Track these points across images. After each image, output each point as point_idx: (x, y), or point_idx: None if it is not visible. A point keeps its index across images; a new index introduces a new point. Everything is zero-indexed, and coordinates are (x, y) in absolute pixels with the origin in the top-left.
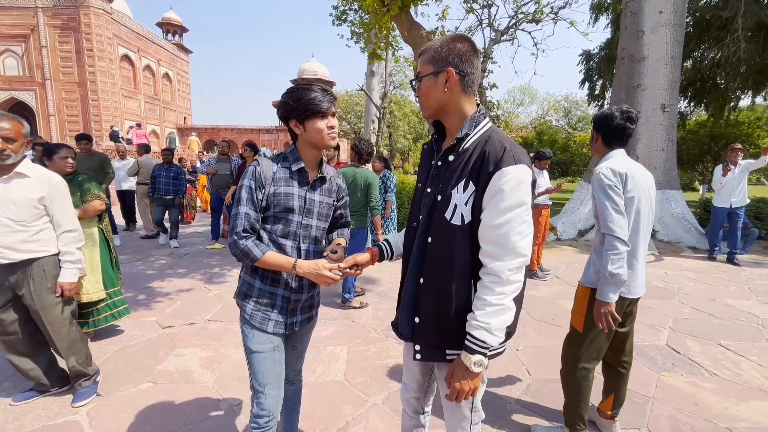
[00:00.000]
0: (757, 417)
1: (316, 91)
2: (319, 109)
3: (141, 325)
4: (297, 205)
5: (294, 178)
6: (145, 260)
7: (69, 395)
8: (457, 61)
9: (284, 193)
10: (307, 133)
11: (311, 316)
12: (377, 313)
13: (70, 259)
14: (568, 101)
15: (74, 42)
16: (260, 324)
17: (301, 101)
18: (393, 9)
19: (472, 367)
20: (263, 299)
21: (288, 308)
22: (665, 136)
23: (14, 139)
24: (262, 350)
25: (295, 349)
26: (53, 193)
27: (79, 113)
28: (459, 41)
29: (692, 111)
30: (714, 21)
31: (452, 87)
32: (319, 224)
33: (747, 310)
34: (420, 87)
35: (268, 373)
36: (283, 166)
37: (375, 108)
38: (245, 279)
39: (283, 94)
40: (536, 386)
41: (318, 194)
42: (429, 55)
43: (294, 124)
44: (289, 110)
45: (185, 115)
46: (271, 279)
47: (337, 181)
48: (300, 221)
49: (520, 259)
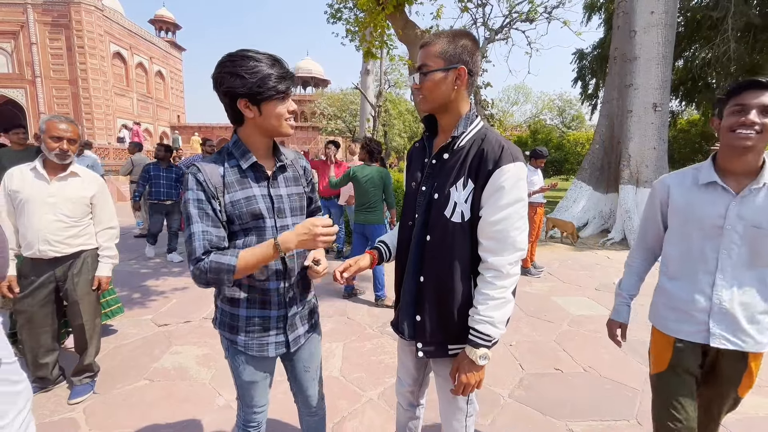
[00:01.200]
0: (745, 408)
1: (274, 64)
2: (280, 88)
3: (136, 324)
4: (264, 208)
5: (248, 177)
6: (139, 259)
7: (64, 392)
8: (468, 59)
9: (243, 199)
10: (262, 118)
11: (314, 324)
12: (373, 311)
13: (109, 254)
14: (562, 100)
15: (65, 39)
16: (259, 352)
17: (258, 76)
18: (388, 8)
19: (478, 361)
20: (254, 326)
21: (287, 325)
22: (657, 134)
23: (75, 140)
24: (255, 380)
25: (308, 370)
26: (101, 192)
27: (71, 111)
28: (467, 38)
29: (684, 110)
30: (705, 21)
31: (461, 85)
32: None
33: None
34: (425, 81)
35: (259, 397)
36: (230, 165)
37: (370, 106)
38: (224, 309)
39: (223, 59)
40: (529, 380)
41: (284, 187)
42: (438, 48)
43: (245, 104)
44: (237, 84)
45: (179, 114)
46: (260, 302)
47: (300, 163)
48: (274, 225)
49: (518, 253)
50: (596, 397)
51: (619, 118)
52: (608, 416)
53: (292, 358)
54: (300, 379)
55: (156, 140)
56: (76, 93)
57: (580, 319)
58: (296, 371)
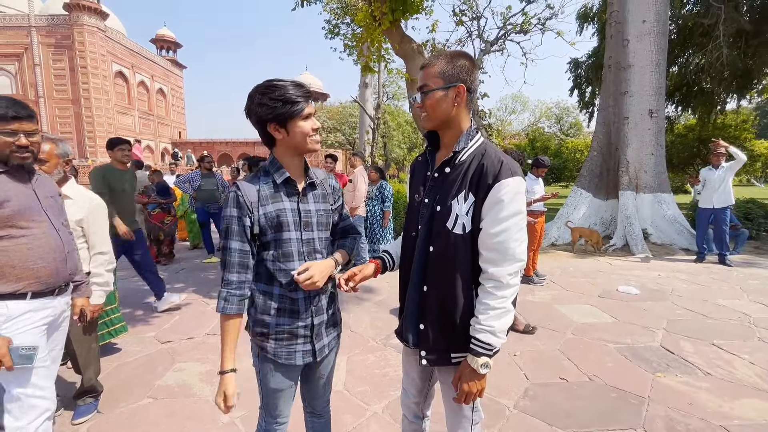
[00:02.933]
0: (750, 414)
1: (293, 86)
2: (302, 108)
3: (139, 341)
4: (292, 221)
5: (281, 191)
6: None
7: (68, 412)
8: (466, 77)
9: (275, 211)
10: (290, 137)
11: (338, 335)
12: (376, 323)
13: (98, 281)
14: (560, 108)
15: (68, 60)
16: (287, 360)
17: (281, 99)
18: (384, 23)
19: (479, 369)
20: (283, 334)
21: (314, 334)
22: (654, 140)
23: (45, 161)
24: (282, 388)
25: (322, 377)
26: (92, 215)
27: (73, 130)
28: (464, 58)
29: (680, 115)
30: (697, 28)
31: (461, 102)
32: (321, 236)
33: (739, 310)
34: (426, 100)
35: (283, 407)
36: (264, 181)
37: (369, 119)
38: (256, 317)
39: (253, 92)
40: (534, 390)
41: (312, 203)
42: (437, 69)
43: (274, 128)
44: (267, 111)
45: (180, 130)
46: (290, 312)
47: (329, 183)
48: (300, 237)
49: (518, 264)
50: (602, 407)
51: (616, 125)
52: (615, 426)
53: (312, 366)
54: (313, 384)
55: (158, 157)
56: (78, 112)
57: (584, 327)
58: (310, 377)
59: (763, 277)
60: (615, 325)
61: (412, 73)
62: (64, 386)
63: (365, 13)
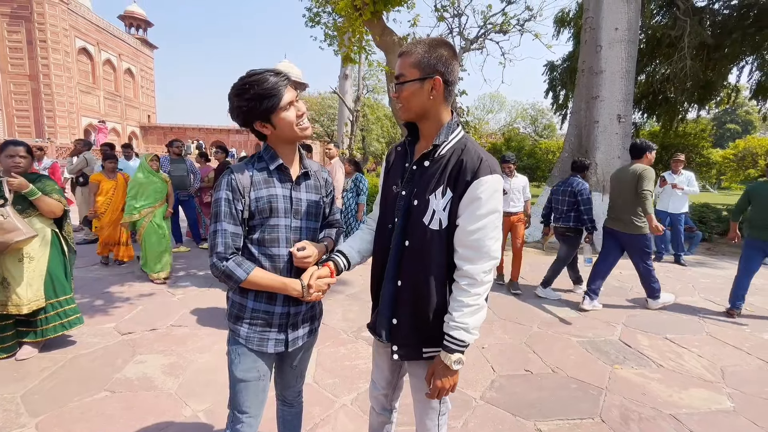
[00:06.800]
0: (696, 403)
1: (269, 77)
2: (280, 98)
3: (97, 332)
4: (282, 207)
5: (273, 177)
6: (102, 264)
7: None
8: (443, 69)
9: (267, 196)
10: (278, 130)
11: (314, 329)
12: (348, 315)
13: None
14: (535, 109)
15: (25, 32)
16: (259, 346)
17: (258, 96)
18: (365, 14)
19: (452, 366)
20: (258, 320)
21: (288, 323)
22: (621, 144)
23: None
24: (248, 379)
25: (294, 368)
26: None
27: (30, 108)
28: (444, 47)
29: (646, 122)
30: (664, 39)
31: (437, 95)
32: (310, 225)
33: (690, 306)
34: (401, 90)
35: (249, 402)
36: (258, 167)
37: (348, 111)
38: (234, 300)
39: (230, 94)
40: (500, 381)
41: (304, 192)
42: (414, 59)
43: (260, 125)
44: (247, 112)
45: (149, 113)
46: (267, 296)
47: (322, 175)
48: (289, 224)
49: (492, 262)
50: (563, 397)
51: (586, 128)
52: (574, 415)
53: (284, 356)
54: (285, 373)
55: (125, 140)
56: (36, 89)
57: (550, 321)
58: (283, 366)
59: (714, 276)
60: (578, 320)
61: (392, 65)
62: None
63: (346, 2)
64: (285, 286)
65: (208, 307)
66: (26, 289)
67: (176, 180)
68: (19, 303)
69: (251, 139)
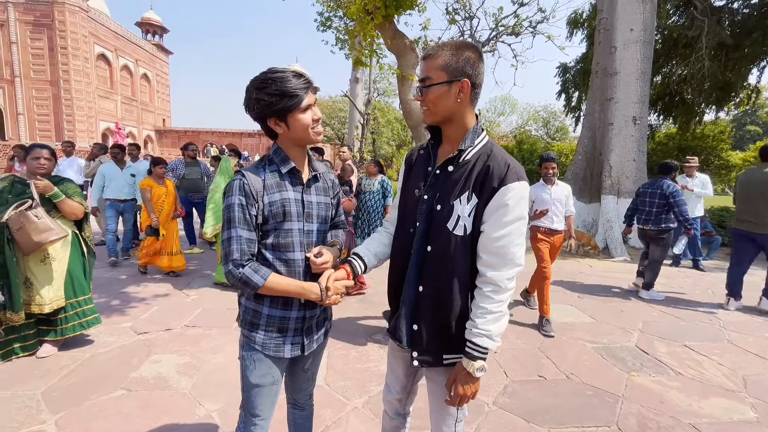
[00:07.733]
0: (717, 413)
1: (291, 77)
2: (300, 100)
3: (114, 332)
4: (295, 211)
5: (285, 181)
6: (119, 265)
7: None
8: (471, 71)
9: (280, 200)
10: (291, 131)
11: (327, 331)
12: (358, 318)
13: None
14: (547, 111)
15: (47, 39)
16: (275, 352)
17: (279, 93)
18: (377, 18)
19: (475, 373)
20: (274, 326)
21: (304, 328)
22: (636, 147)
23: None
24: (263, 384)
25: (306, 371)
26: None
27: (51, 112)
28: (471, 50)
29: (662, 124)
30: (681, 39)
31: (464, 98)
32: (321, 228)
33: (710, 312)
34: (428, 93)
35: (263, 406)
36: (270, 170)
37: (359, 114)
38: (248, 306)
39: (250, 87)
40: (513, 387)
41: (314, 195)
42: (440, 61)
43: (274, 122)
44: (265, 107)
45: (164, 117)
46: (282, 302)
47: (330, 177)
48: (302, 228)
49: (516, 269)
50: (578, 404)
51: (600, 130)
52: (590, 423)
53: (297, 360)
54: (297, 376)
55: (141, 144)
56: (57, 94)
57: (564, 326)
58: (295, 369)
59: None
60: (593, 325)
61: (403, 68)
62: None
63: (358, 6)
64: (303, 290)
65: (221, 308)
66: (48, 289)
67: (191, 183)
68: (42, 303)
69: (263, 142)
